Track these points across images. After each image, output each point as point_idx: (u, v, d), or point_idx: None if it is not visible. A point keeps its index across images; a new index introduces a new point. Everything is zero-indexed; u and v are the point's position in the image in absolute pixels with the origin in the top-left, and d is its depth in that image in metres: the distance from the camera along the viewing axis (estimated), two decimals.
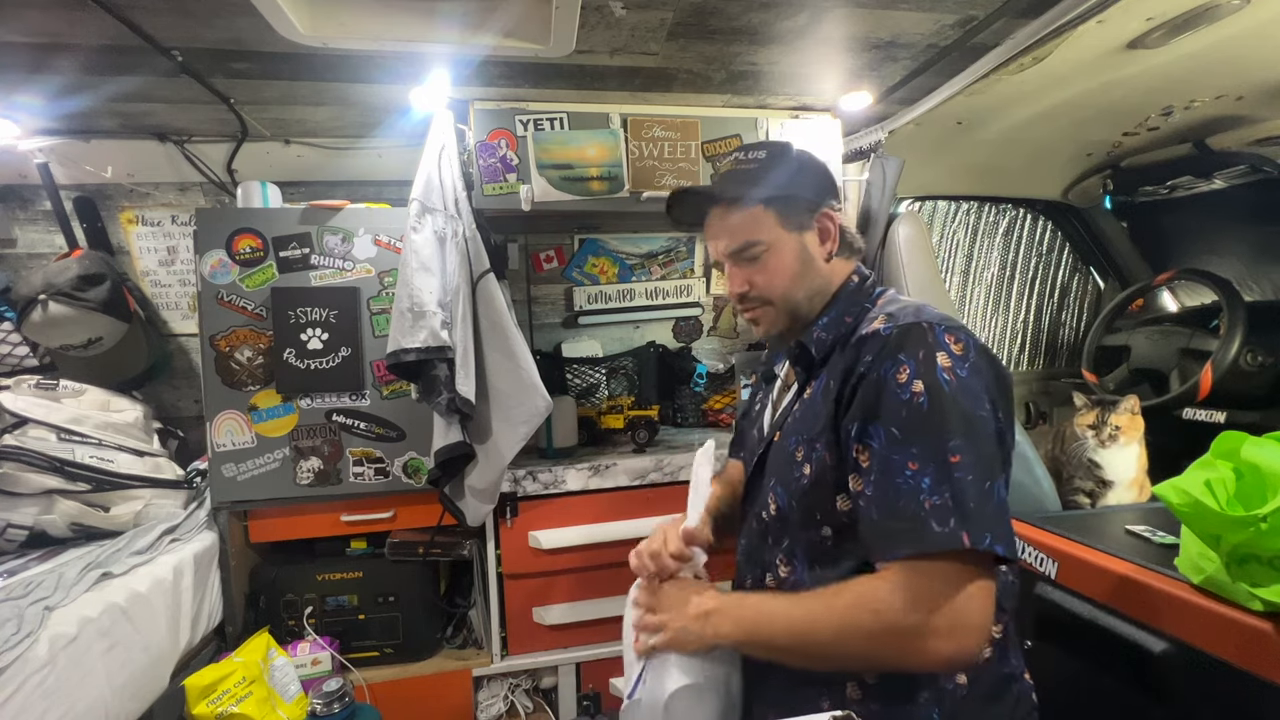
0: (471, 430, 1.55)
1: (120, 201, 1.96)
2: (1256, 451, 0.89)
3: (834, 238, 0.93)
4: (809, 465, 0.85)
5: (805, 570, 0.87)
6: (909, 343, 0.78)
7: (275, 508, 1.69)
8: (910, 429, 0.74)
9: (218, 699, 1.38)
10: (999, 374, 0.80)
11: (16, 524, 1.48)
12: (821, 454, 0.83)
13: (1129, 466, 1.44)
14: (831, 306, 0.93)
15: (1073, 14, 1.13)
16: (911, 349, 0.77)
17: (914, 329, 0.79)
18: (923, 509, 0.71)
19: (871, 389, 0.78)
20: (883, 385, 0.77)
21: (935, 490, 0.71)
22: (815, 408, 0.87)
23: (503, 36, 1.28)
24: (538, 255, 2.19)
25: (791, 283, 0.92)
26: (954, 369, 0.76)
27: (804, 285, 0.93)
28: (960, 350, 0.77)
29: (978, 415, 0.74)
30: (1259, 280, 2.05)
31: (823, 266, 0.94)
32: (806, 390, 0.92)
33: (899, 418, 0.75)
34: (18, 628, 1.08)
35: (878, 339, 0.81)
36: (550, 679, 1.75)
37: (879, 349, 0.79)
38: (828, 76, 1.55)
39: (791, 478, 0.88)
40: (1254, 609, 0.88)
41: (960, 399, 0.74)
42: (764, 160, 0.92)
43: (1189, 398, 1.60)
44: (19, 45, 1.24)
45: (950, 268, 2.49)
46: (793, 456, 0.88)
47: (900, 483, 0.73)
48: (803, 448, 0.87)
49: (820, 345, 0.91)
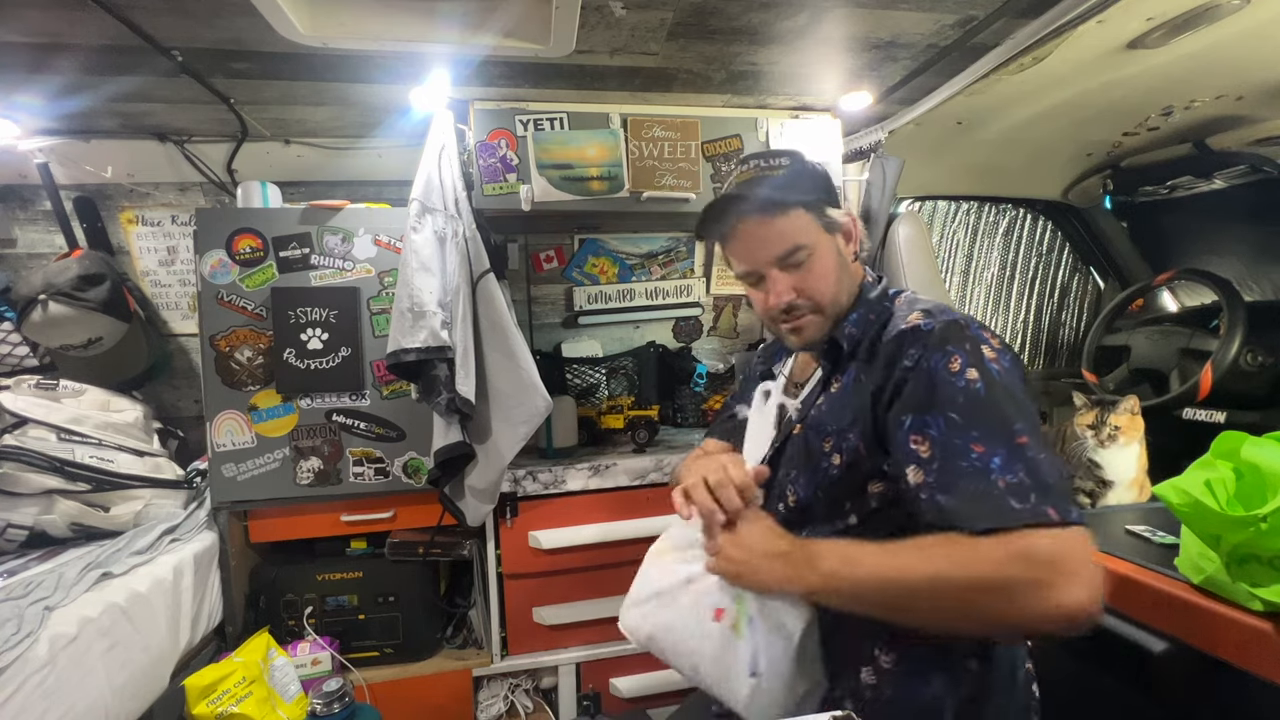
0: (471, 430, 1.55)
1: (120, 201, 1.96)
2: (1256, 451, 0.89)
3: (856, 238, 0.96)
4: (839, 455, 0.86)
5: None
6: (954, 336, 0.80)
7: (275, 508, 1.69)
8: (970, 414, 0.75)
9: (218, 699, 1.38)
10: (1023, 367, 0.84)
11: (16, 524, 1.48)
12: (855, 444, 0.85)
13: (1129, 466, 1.44)
14: (859, 305, 0.95)
15: (1073, 14, 1.13)
16: (957, 341, 0.80)
17: (955, 324, 0.82)
18: (996, 488, 0.71)
19: (923, 380, 0.79)
20: (935, 375, 0.78)
21: (1008, 469, 0.71)
22: (846, 400, 0.89)
23: (503, 36, 1.28)
24: (538, 255, 2.19)
25: (836, 286, 0.93)
26: (999, 359, 0.79)
27: (844, 287, 0.95)
28: (999, 345, 0.81)
29: (1028, 402, 0.77)
30: (1259, 280, 2.05)
31: (853, 267, 0.97)
32: (833, 384, 0.94)
33: (957, 404, 0.76)
34: (18, 628, 1.08)
35: (919, 333, 0.82)
36: (550, 679, 1.75)
37: (923, 342, 0.81)
38: (828, 76, 1.55)
39: (819, 468, 0.89)
40: (1254, 609, 0.87)
41: (1011, 386, 0.77)
42: (789, 166, 0.93)
43: (1189, 398, 1.60)
44: (19, 45, 1.24)
45: (950, 268, 2.49)
46: (820, 448, 0.89)
47: (966, 465, 0.73)
48: (832, 438, 0.88)
49: (851, 341, 0.93)
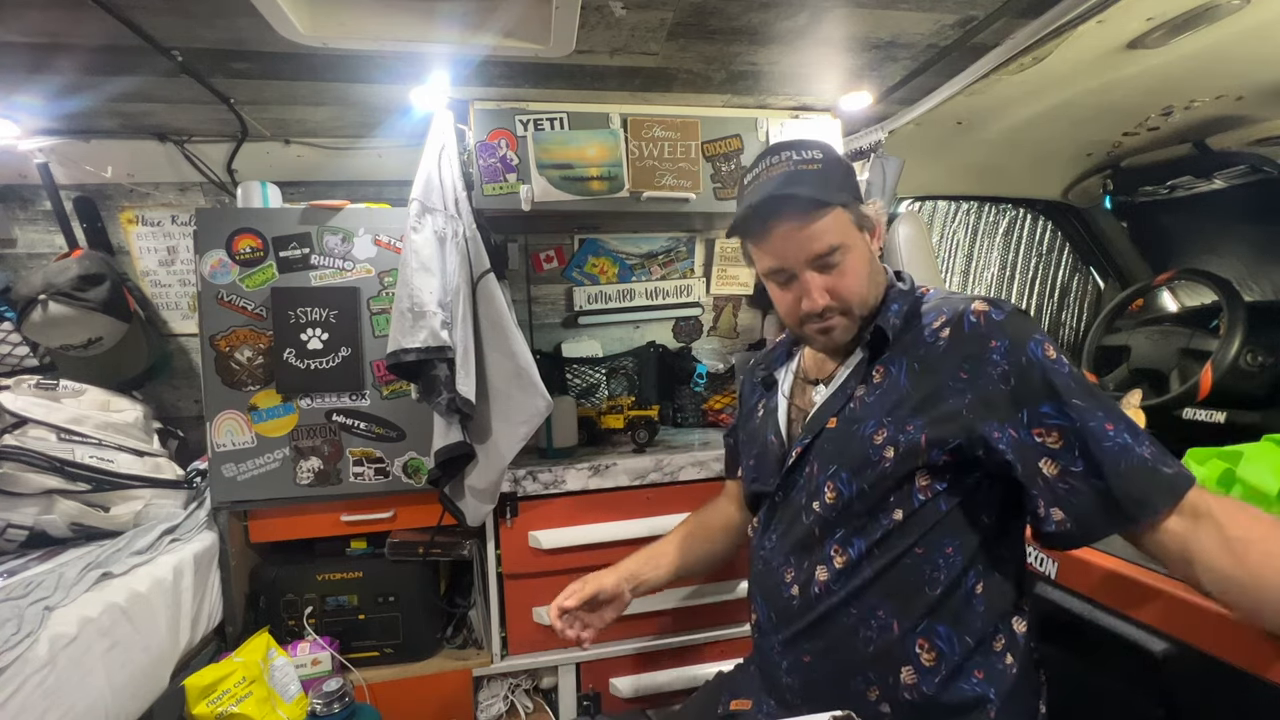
0: (471, 430, 1.55)
1: (120, 201, 1.96)
2: (1249, 470, 0.91)
3: (880, 234, 0.97)
4: (893, 447, 0.85)
5: (864, 557, 0.87)
6: (1029, 325, 0.82)
7: (275, 508, 1.69)
8: (1088, 395, 0.78)
9: (218, 699, 1.38)
10: None
11: (16, 524, 1.48)
12: (915, 436, 0.84)
13: None
14: (895, 296, 0.96)
15: (1073, 14, 1.13)
16: (1035, 330, 0.82)
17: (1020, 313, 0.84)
18: (1146, 461, 0.75)
19: (1031, 371, 0.79)
20: (1041, 365, 0.79)
21: (1139, 441, 0.76)
22: (900, 391, 0.88)
23: (503, 36, 1.28)
24: (538, 255, 2.19)
25: (868, 286, 0.93)
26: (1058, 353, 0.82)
27: (874, 286, 0.94)
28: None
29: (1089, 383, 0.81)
30: (1259, 280, 2.05)
31: (879, 264, 0.97)
32: (876, 375, 0.92)
33: (1072, 389, 0.78)
34: (18, 628, 1.08)
35: (995, 323, 0.83)
36: (550, 679, 1.75)
37: (1004, 332, 0.82)
38: (828, 76, 1.55)
39: (868, 460, 0.87)
40: None
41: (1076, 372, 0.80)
42: (824, 160, 0.91)
43: (1189, 398, 1.60)
44: (19, 45, 1.24)
45: (950, 268, 2.49)
46: (869, 439, 0.87)
47: (1110, 446, 0.76)
48: (885, 430, 0.86)
49: (895, 330, 0.93)
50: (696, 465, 1.72)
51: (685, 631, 1.76)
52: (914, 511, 0.84)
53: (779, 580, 0.95)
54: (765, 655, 0.98)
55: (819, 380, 1.01)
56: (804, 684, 0.91)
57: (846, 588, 0.87)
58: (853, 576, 0.87)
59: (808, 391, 1.02)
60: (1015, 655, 0.85)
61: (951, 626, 0.83)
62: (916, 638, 0.84)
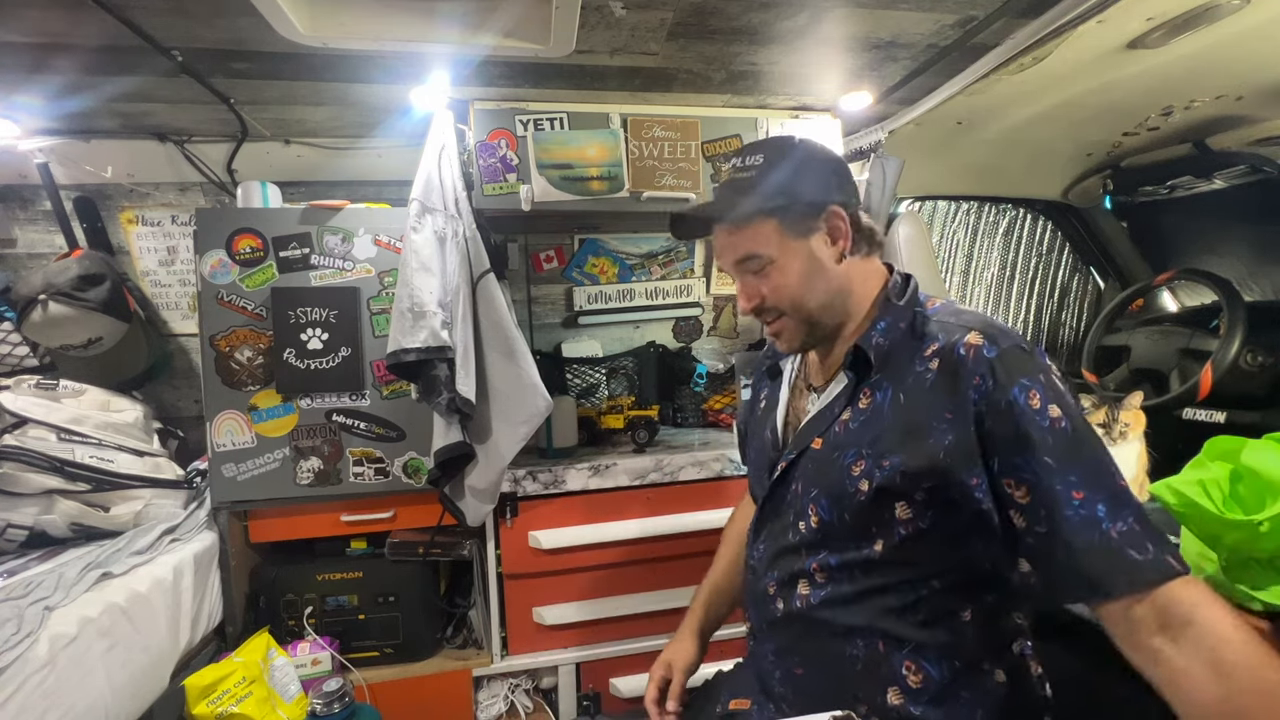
0: (471, 430, 1.55)
1: (120, 201, 1.96)
2: (1256, 455, 0.89)
3: (846, 235, 0.89)
4: (868, 480, 0.81)
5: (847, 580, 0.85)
6: (1024, 365, 0.75)
7: (275, 508, 1.69)
8: (1064, 455, 0.71)
9: (218, 699, 1.38)
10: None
11: (16, 524, 1.48)
12: (891, 473, 0.79)
13: (1129, 466, 1.44)
14: (885, 312, 0.89)
15: (1073, 14, 1.13)
16: (1029, 371, 0.74)
17: (1019, 351, 0.76)
18: (1111, 541, 0.68)
19: (1007, 417, 0.73)
20: (1019, 412, 0.72)
21: (1116, 516, 0.68)
22: (883, 421, 0.83)
23: (503, 36, 1.28)
24: (538, 255, 2.19)
25: (801, 291, 0.89)
26: (1066, 396, 0.74)
27: (815, 292, 0.89)
28: (1057, 373, 0.77)
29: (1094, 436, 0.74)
30: (1259, 280, 2.05)
31: (836, 270, 0.90)
32: (861, 399, 0.88)
33: (1048, 445, 0.71)
34: (18, 628, 1.08)
35: (984, 361, 0.75)
36: (550, 679, 1.75)
37: (990, 373, 0.75)
38: (828, 76, 1.55)
39: (845, 491, 0.84)
40: (1254, 609, 0.87)
41: (1088, 425, 0.74)
42: (761, 165, 0.89)
43: (1189, 398, 1.60)
44: (19, 45, 1.24)
45: (950, 268, 2.49)
46: (847, 470, 0.84)
47: (1072, 516, 0.69)
48: (864, 461, 0.83)
49: (879, 352, 0.87)
50: (696, 465, 1.72)
51: None
52: (896, 544, 0.81)
53: (764, 590, 0.94)
54: (759, 661, 0.97)
55: (815, 386, 0.98)
56: (795, 693, 0.91)
57: (830, 607, 0.86)
58: (835, 598, 0.85)
59: (805, 396, 1.00)
60: (1009, 675, 0.83)
61: (940, 651, 0.81)
62: (904, 660, 0.82)
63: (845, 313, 0.92)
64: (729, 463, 1.72)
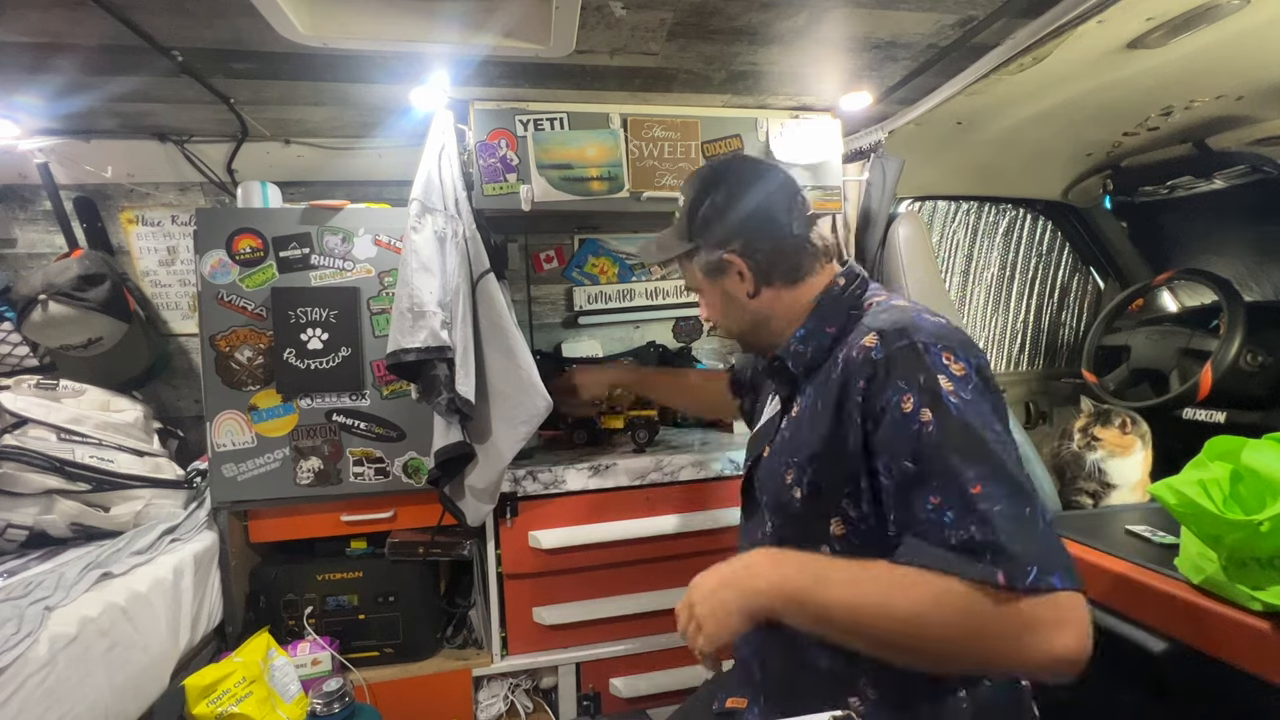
0: (471, 430, 1.55)
1: (120, 201, 1.96)
2: (1256, 455, 0.89)
3: (748, 278, 0.92)
4: (799, 489, 0.83)
5: None
6: (907, 367, 0.74)
7: (275, 508, 1.69)
8: (925, 460, 0.70)
9: (218, 699, 1.38)
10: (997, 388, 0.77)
11: (16, 524, 1.48)
12: (816, 480, 0.81)
13: (1133, 471, 1.45)
14: (810, 317, 0.90)
15: (1073, 14, 1.13)
16: (911, 373, 0.73)
17: (908, 351, 0.74)
18: (949, 545, 0.67)
19: (880, 421, 0.74)
20: (890, 416, 0.73)
21: (960, 524, 0.67)
22: (804, 431, 0.85)
23: (503, 36, 1.28)
24: (538, 255, 2.19)
25: (723, 320, 0.99)
26: (958, 391, 0.71)
27: (735, 321, 0.98)
28: (961, 371, 0.73)
29: (992, 438, 0.70)
30: (1259, 280, 2.05)
31: (750, 304, 0.94)
32: (793, 408, 0.90)
33: (910, 450, 0.71)
34: (18, 628, 1.08)
35: (870, 364, 0.76)
36: (550, 679, 1.75)
37: (873, 376, 0.75)
38: (828, 76, 1.55)
39: (782, 501, 0.87)
40: (1254, 609, 0.88)
41: (971, 423, 0.70)
42: (684, 205, 0.98)
43: (1189, 398, 1.60)
44: (19, 45, 1.24)
45: (950, 268, 2.49)
46: (783, 478, 0.86)
47: (924, 518, 0.69)
48: (793, 471, 0.85)
49: (798, 360, 0.89)
50: (696, 465, 1.72)
51: None
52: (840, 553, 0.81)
53: None
54: (745, 661, 0.99)
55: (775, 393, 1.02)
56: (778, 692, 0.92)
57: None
58: None
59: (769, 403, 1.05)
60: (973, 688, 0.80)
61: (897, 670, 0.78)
62: (860, 673, 0.82)
63: (772, 333, 0.95)
64: (729, 463, 1.73)
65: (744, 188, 0.93)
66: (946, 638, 0.66)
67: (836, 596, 0.70)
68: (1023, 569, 0.63)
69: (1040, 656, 0.63)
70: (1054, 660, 0.63)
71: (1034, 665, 0.65)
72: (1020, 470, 0.70)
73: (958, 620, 0.65)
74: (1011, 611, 0.63)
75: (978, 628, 0.64)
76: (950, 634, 0.66)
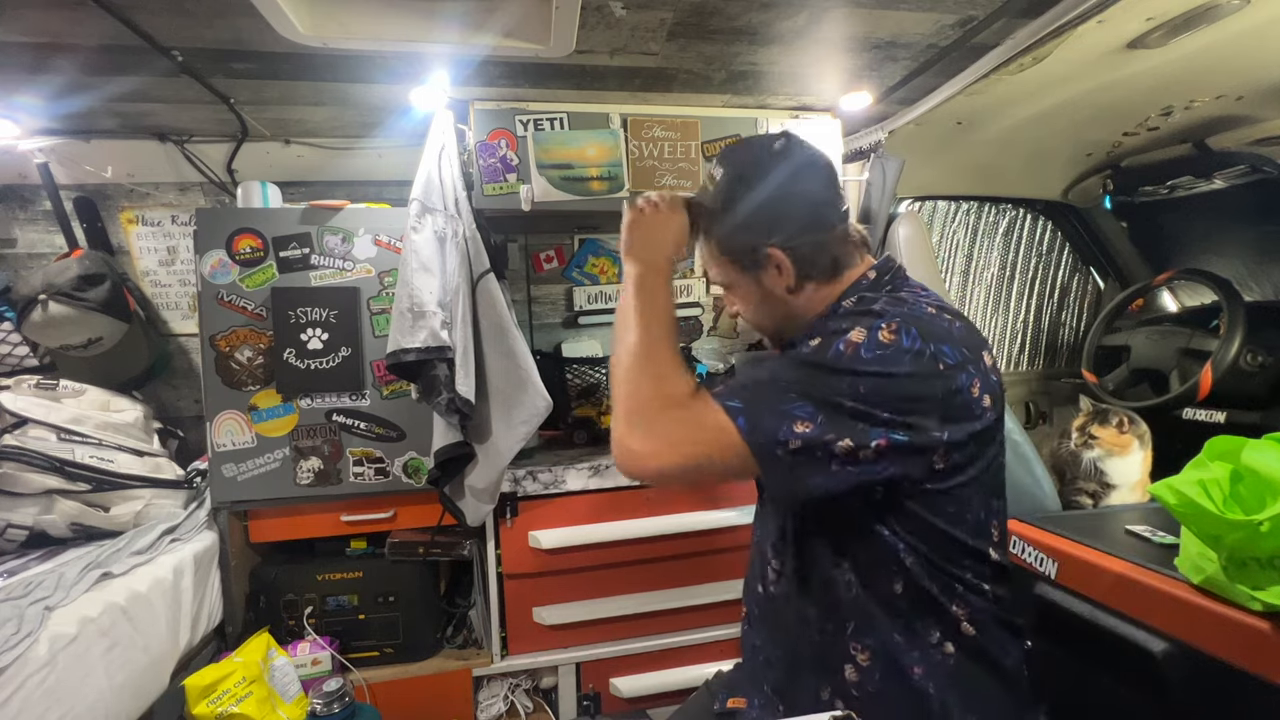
0: (471, 430, 1.55)
1: (120, 201, 1.96)
2: (1256, 455, 0.89)
3: (788, 273, 0.88)
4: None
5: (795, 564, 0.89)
6: (839, 322, 0.81)
7: (275, 508, 1.69)
8: (778, 361, 0.81)
9: (218, 699, 1.38)
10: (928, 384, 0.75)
11: (16, 524, 1.48)
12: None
13: (1132, 471, 1.44)
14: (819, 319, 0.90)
15: (1073, 14, 1.13)
16: (834, 324, 0.80)
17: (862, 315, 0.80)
18: (728, 388, 0.79)
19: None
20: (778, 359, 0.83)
21: (738, 385, 0.79)
22: None
23: (503, 36, 1.28)
24: (538, 255, 2.19)
25: (756, 315, 0.95)
26: (858, 346, 0.75)
27: (769, 317, 0.94)
28: (887, 337, 0.75)
29: (834, 379, 0.74)
30: (1259, 280, 2.05)
31: (787, 298, 0.90)
32: None
33: (780, 359, 0.82)
34: (18, 628, 1.08)
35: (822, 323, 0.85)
36: (550, 679, 1.75)
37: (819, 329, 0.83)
38: (828, 76, 1.55)
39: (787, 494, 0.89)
40: (1253, 609, 0.88)
41: (830, 361, 0.75)
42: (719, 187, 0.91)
43: (1189, 398, 1.60)
44: (19, 45, 1.24)
45: (950, 268, 2.49)
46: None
47: (735, 381, 0.81)
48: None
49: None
50: None
51: (685, 631, 1.76)
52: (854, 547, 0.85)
53: (755, 574, 0.99)
54: (749, 653, 1.00)
55: None
56: (774, 680, 0.93)
57: (783, 591, 0.90)
58: (787, 581, 0.90)
59: None
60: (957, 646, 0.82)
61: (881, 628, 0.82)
62: (850, 640, 0.84)
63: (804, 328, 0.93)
64: None
65: (787, 174, 0.88)
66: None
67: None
68: (728, 398, 0.76)
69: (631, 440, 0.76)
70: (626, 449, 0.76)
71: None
72: (834, 412, 0.74)
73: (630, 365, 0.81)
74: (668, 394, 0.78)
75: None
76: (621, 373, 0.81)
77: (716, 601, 1.75)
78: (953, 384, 0.76)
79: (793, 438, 0.72)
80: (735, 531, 1.71)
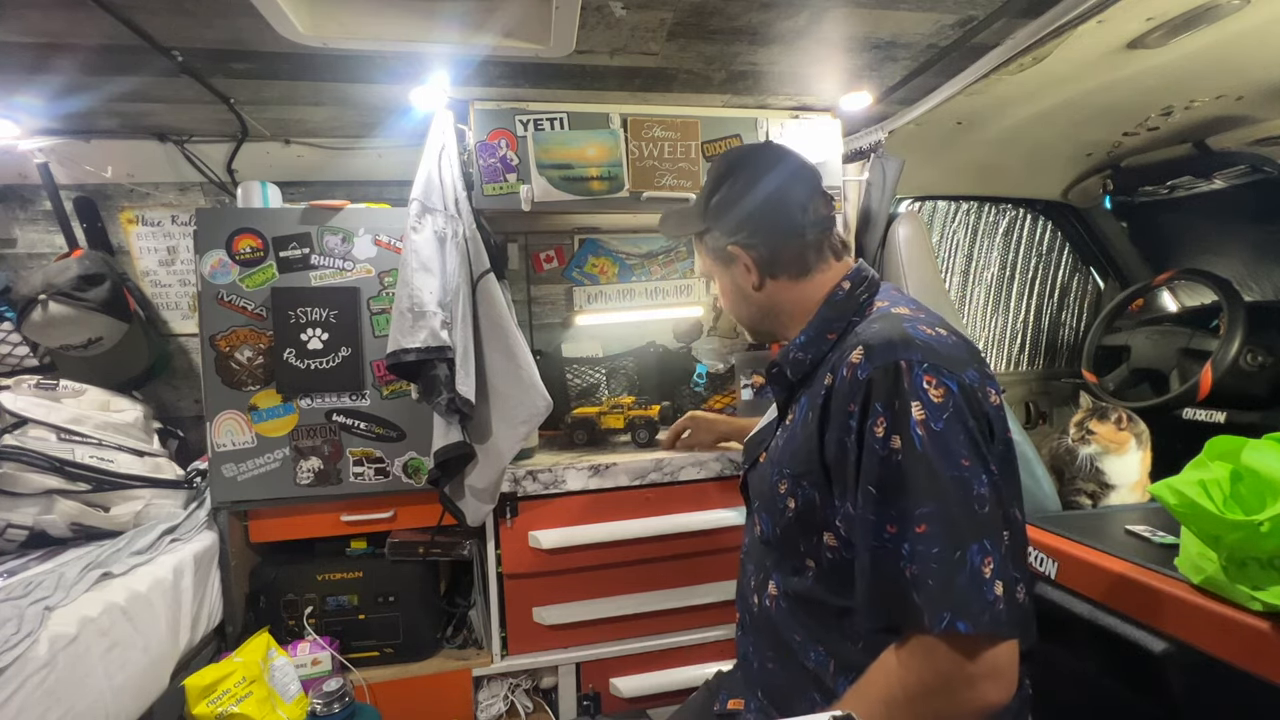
0: (471, 430, 1.55)
1: (120, 201, 1.96)
2: (1256, 456, 0.89)
3: (753, 270, 0.91)
4: (793, 500, 0.84)
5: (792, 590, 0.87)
6: (886, 389, 0.73)
7: (275, 508, 1.69)
8: (888, 489, 0.71)
9: (218, 699, 1.38)
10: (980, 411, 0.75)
11: (16, 524, 1.47)
12: (810, 492, 0.81)
13: (1131, 470, 1.45)
14: (812, 323, 0.89)
15: (1073, 14, 1.13)
16: (887, 397, 0.73)
17: (891, 371, 0.73)
18: (904, 576, 0.70)
19: (854, 441, 0.75)
20: (862, 439, 0.74)
21: (912, 558, 0.70)
22: (797, 441, 0.85)
23: (503, 36, 1.28)
24: (538, 255, 2.19)
25: (732, 307, 0.99)
26: (928, 422, 0.71)
27: (743, 310, 0.97)
28: (939, 397, 0.72)
29: (950, 476, 0.70)
30: (1259, 280, 2.05)
31: (756, 295, 0.93)
32: (789, 415, 0.90)
33: (876, 476, 0.72)
34: (18, 628, 1.08)
35: (856, 384, 0.75)
36: (550, 679, 1.75)
37: (853, 395, 0.75)
38: (828, 76, 1.55)
39: (776, 509, 0.87)
40: (1254, 610, 0.88)
41: (933, 457, 0.70)
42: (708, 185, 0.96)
43: (1189, 398, 1.60)
44: (19, 45, 1.24)
45: (950, 268, 2.49)
46: (776, 488, 0.86)
47: (878, 546, 0.72)
48: (786, 481, 0.85)
49: (798, 367, 0.89)
50: (696, 465, 1.72)
51: (685, 631, 1.76)
52: (825, 568, 0.82)
53: (745, 584, 0.98)
54: (745, 656, 1.00)
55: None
56: (772, 688, 0.92)
57: (781, 611, 0.89)
58: (784, 605, 0.88)
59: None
60: None
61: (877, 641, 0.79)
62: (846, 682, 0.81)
63: (780, 325, 0.95)
64: (729, 463, 1.73)
65: (761, 178, 0.91)
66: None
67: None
68: (938, 614, 0.67)
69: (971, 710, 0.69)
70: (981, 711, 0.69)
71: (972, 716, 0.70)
72: (975, 506, 0.70)
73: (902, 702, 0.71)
74: (931, 669, 0.69)
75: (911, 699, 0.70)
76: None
77: (716, 601, 1.75)
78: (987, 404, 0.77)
79: (993, 583, 0.69)
80: (735, 532, 1.71)
